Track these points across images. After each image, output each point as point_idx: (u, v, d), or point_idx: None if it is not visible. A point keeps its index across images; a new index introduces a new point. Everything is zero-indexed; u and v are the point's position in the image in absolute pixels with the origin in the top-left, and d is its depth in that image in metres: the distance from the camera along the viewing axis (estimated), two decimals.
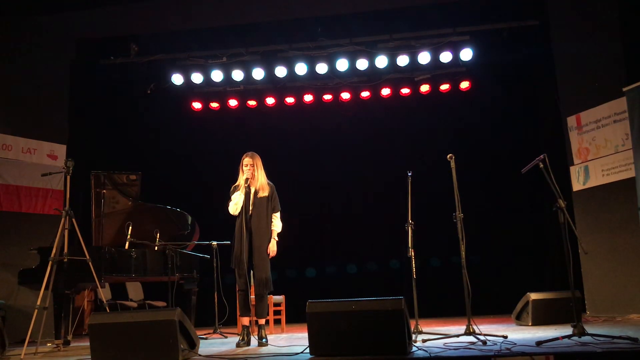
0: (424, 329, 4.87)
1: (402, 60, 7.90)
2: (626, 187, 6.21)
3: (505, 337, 4.08)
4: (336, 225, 8.59)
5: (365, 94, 8.50)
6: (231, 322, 6.28)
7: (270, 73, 8.12)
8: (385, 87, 8.38)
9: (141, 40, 8.04)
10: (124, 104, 8.62)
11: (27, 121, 7.07)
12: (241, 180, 4.90)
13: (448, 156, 4.71)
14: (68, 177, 4.98)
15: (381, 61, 7.90)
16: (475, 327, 4.35)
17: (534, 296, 5.40)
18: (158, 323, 3.65)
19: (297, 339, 5.08)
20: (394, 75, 8.29)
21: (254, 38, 8.01)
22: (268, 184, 4.98)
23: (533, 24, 7.58)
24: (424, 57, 7.83)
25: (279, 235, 5.01)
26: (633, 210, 5.99)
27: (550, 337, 3.70)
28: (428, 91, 8.37)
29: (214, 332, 6.00)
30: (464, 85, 8.25)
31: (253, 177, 4.89)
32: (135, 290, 7.83)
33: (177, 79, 8.23)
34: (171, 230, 6.22)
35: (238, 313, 4.93)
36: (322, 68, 8.03)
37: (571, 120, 6.99)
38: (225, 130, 8.70)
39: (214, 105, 8.69)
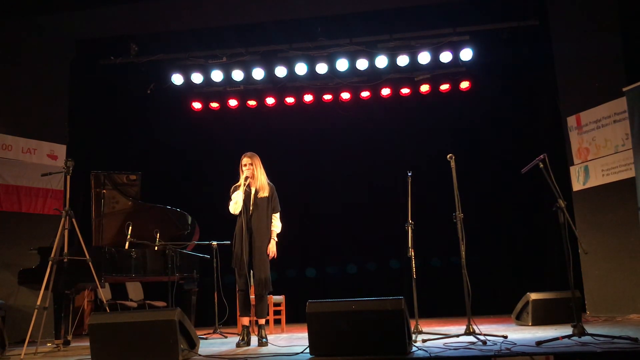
0: (424, 329, 4.87)
1: (402, 60, 7.91)
2: (626, 187, 6.21)
3: (505, 337, 4.08)
4: (336, 225, 8.57)
5: (365, 94, 8.49)
6: (231, 322, 6.28)
7: (270, 73, 8.13)
8: (385, 87, 8.37)
9: (141, 40, 8.03)
10: (124, 104, 8.60)
11: (27, 121, 7.07)
12: (242, 180, 4.90)
13: (448, 156, 4.71)
14: (68, 177, 4.98)
15: (381, 61, 7.91)
16: (475, 327, 4.35)
17: (534, 296, 5.40)
18: (158, 323, 3.65)
19: (297, 339, 5.07)
20: (394, 75, 8.28)
21: (254, 38, 8.02)
22: (268, 184, 4.98)
23: (533, 24, 7.58)
24: (424, 57, 7.84)
25: (278, 235, 5.01)
26: (633, 210, 5.99)
27: (550, 337, 3.70)
28: (428, 91, 8.37)
29: (214, 332, 6.00)
30: (464, 85, 8.25)
31: (253, 176, 4.89)
32: (135, 290, 7.84)
33: (177, 79, 8.23)
34: (171, 230, 6.22)
35: (238, 313, 4.92)
36: (322, 68, 8.03)
37: (571, 120, 6.99)
38: (225, 130, 8.69)
39: (214, 105, 8.69)
